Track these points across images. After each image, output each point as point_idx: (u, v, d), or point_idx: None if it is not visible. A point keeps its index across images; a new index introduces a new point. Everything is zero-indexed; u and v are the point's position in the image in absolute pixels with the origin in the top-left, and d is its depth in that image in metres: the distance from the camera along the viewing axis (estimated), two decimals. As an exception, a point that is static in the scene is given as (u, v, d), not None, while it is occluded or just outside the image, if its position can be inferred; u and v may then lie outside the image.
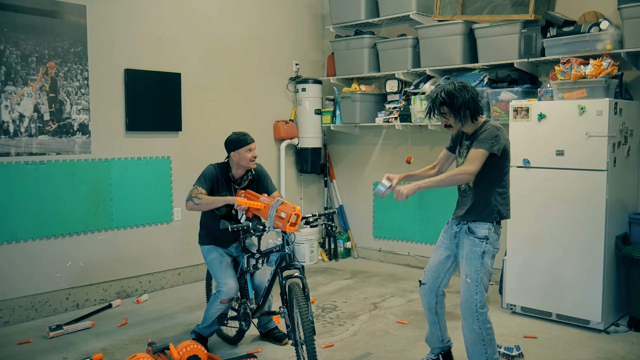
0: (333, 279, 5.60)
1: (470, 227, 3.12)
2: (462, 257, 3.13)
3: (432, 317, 3.36)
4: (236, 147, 3.62)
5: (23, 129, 4.34)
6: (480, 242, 3.07)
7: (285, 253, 3.39)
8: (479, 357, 3.08)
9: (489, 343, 3.06)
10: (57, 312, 4.56)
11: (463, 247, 3.14)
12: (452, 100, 3.04)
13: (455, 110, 3.06)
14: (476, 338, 3.07)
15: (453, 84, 3.09)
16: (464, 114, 3.06)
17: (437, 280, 3.29)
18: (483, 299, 3.06)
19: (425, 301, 3.35)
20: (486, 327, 3.05)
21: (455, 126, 3.14)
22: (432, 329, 3.39)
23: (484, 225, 3.10)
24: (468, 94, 3.06)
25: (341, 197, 6.59)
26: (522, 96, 4.72)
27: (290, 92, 6.32)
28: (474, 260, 3.06)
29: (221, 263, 3.68)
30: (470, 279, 3.05)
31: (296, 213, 3.22)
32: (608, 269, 4.07)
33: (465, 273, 3.07)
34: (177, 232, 5.31)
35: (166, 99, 5.14)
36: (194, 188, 3.58)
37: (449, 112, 3.08)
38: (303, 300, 3.18)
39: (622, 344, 3.86)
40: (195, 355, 3.34)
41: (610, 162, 3.98)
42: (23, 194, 4.35)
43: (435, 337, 3.40)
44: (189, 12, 5.34)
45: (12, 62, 4.27)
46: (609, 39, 4.29)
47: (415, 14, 5.43)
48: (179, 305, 4.77)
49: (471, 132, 3.17)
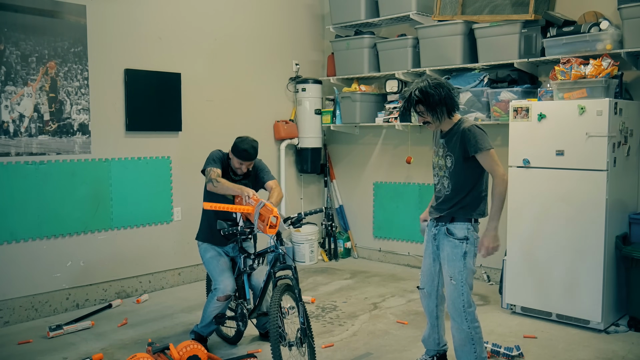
0: (333, 279, 5.60)
1: (448, 228, 3.10)
2: (444, 258, 3.13)
3: (433, 320, 3.37)
4: (234, 152, 3.67)
5: (23, 129, 4.34)
6: (461, 244, 3.06)
7: (278, 253, 3.38)
8: (468, 356, 3.10)
9: (477, 342, 3.07)
10: (57, 312, 4.56)
11: (444, 249, 3.13)
12: (427, 98, 2.99)
13: (432, 108, 3.02)
14: (465, 338, 3.08)
15: (427, 81, 3.04)
16: (440, 110, 3.02)
17: (433, 283, 3.30)
18: (469, 298, 3.07)
19: (425, 304, 3.37)
20: (474, 326, 3.07)
21: (434, 123, 3.09)
22: (431, 331, 3.40)
23: (463, 225, 3.08)
24: (444, 90, 3.01)
25: (341, 197, 6.59)
26: (522, 96, 4.72)
27: (290, 92, 6.31)
28: (456, 262, 3.06)
29: (218, 262, 3.70)
30: (455, 280, 3.06)
31: (274, 215, 3.15)
32: (608, 269, 4.07)
33: (450, 275, 3.08)
34: (177, 232, 5.31)
35: (166, 99, 5.14)
36: (210, 170, 3.60)
37: (426, 110, 3.04)
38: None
39: (622, 344, 3.86)
40: (195, 355, 3.34)
41: (610, 162, 3.98)
42: (23, 194, 4.35)
43: (432, 340, 3.42)
44: (189, 12, 5.34)
45: (12, 62, 4.27)
46: (609, 39, 4.29)
47: (415, 14, 5.43)
48: (179, 305, 4.77)
49: (447, 129, 3.13)
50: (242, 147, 3.61)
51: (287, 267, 3.35)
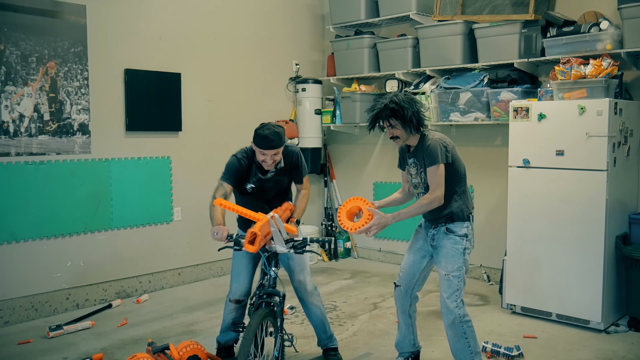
0: (333, 279, 5.60)
1: (448, 227, 3.16)
2: (443, 255, 3.15)
3: (406, 319, 3.39)
4: (255, 142, 3.24)
5: (23, 129, 4.34)
6: (461, 240, 3.13)
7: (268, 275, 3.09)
8: (463, 352, 3.13)
9: (470, 336, 3.11)
10: (57, 312, 4.56)
11: (443, 247, 3.16)
12: (402, 112, 3.04)
13: (405, 122, 3.05)
14: (459, 333, 3.11)
15: (397, 95, 3.09)
16: (412, 125, 3.07)
17: (411, 281, 3.32)
18: (462, 294, 3.13)
19: (399, 304, 3.38)
20: (466, 321, 3.11)
21: (403, 137, 3.12)
22: (405, 332, 3.41)
23: (462, 224, 3.15)
24: (415, 105, 3.08)
25: (341, 197, 6.58)
26: (522, 96, 4.72)
27: (290, 92, 6.31)
28: (456, 257, 3.11)
29: (239, 262, 3.45)
30: (453, 276, 3.09)
31: (254, 231, 2.81)
32: (608, 269, 4.07)
33: (447, 271, 3.11)
34: (177, 232, 5.31)
35: (166, 99, 5.14)
36: (219, 185, 3.26)
37: (399, 124, 3.07)
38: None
39: (622, 344, 3.86)
40: (195, 355, 3.33)
41: (610, 162, 3.98)
42: (23, 194, 4.35)
43: (408, 341, 3.43)
44: (189, 12, 5.34)
45: (12, 62, 4.27)
46: (609, 39, 4.29)
47: (415, 14, 5.43)
48: (179, 305, 4.77)
49: (414, 144, 3.18)
50: (262, 133, 3.19)
51: (274, 294, 3.06)
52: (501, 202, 5.06)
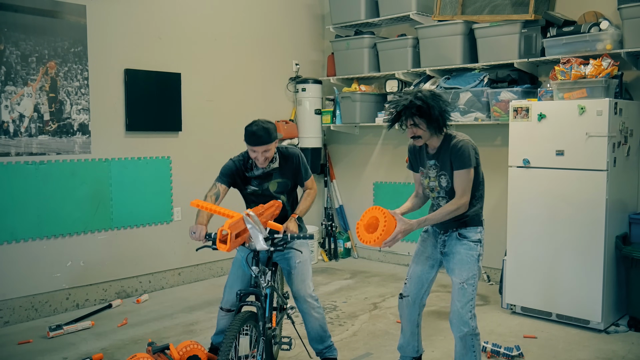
0: (333, 279, 5.60)
1: (461, 232, 2.99)
2: (456, 262, 2.98)
3: (413, 329, 3.22)
4: (245, 139, 3.14)
5: (23, 129, 4.34)
6: (475, 246, 2.97)
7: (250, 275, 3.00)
8: None
9: (478, 350, 2.98)
10: (57, 312, 4.56)
11: (456, 253, 2.99)
12: (428, 110, 2.77)
13: (431, 121, 2.81)
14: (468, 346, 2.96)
15: (422, 91, 2.84)
16: (437, 125, 2.83)
17: (420, 291, 3.15)
18: (474, 303, 2.98)
19: (407, 313, 3.18)
20: (477, 334, 2.97)
21: (425, 137, 2.89)
22: (410, 339, 3.25)
23: (476, 229, 2.99)
24: (443, 103, 2.84)
25: (341, 197, 6.59)
26: (522, 96, 4.72)
27: (290, 92, 6.31)
28: (471, 264, 2.94)
29: (236, 272, 3.33)
30: (467, 284, 2.92)
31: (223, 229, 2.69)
32: (608, 269, 4.07)
33: (462, 279, 2.93)
34: (177, 232, 5.31)
35: (166, 99, 5.14)
36: (213, 185, 3.21)
37: (423, 122, 2.82)
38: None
39: (622, 344, 3.86)
40: (195, 355, 3.34)
41: (610, 162, 3.98)
42: (23, 194, 4.35)
43: (411, 347, 3.27)
44: (189, 12, 5.34)
45: (12, 62, 4.27)
46: (609, 39, 4.29)
47: (415, 14, 5.43)
48: (179, 305, 4.77)
49: (436, 146, 2.95)
50: (250, 129, 3.08)
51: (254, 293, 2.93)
52: (501, 202, 5.06)
